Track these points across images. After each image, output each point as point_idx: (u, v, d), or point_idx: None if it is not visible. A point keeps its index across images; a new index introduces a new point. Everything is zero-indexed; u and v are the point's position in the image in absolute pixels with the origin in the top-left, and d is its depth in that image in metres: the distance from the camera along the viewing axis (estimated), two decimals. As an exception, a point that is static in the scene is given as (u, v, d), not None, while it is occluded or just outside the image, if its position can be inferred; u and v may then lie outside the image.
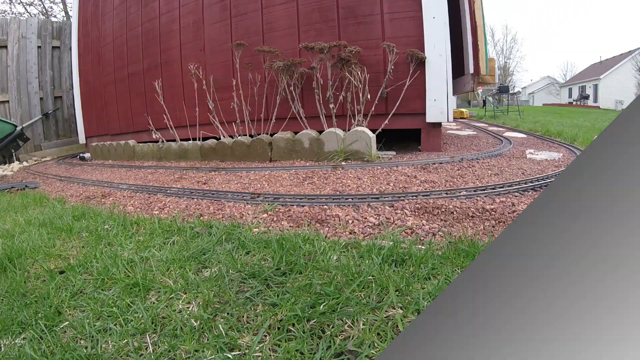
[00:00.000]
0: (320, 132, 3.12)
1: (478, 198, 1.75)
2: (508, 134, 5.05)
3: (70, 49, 6.42)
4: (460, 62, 3.64)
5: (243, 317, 0.87)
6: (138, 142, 4.74)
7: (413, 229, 1.42)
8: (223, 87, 3.97)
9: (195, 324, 0.84)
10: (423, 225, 1.45)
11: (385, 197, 1.81)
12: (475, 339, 0.26)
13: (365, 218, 1.56)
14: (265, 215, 1.72)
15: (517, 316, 0.26)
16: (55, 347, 0.79)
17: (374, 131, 3.07)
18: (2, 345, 0.83)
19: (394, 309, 0.86)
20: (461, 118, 9.10)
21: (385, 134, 3.47)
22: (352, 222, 1.53)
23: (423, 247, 1.23)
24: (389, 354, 0.33)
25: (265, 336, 0.80)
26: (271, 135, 3.54)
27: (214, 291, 0.98)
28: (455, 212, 1.55)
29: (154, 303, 0.95)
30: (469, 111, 9.75)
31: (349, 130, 3.02)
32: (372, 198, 1.82)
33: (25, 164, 5.68)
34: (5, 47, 6.29)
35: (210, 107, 3.96)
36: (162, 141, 4.36)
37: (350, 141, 2.94)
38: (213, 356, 0.74)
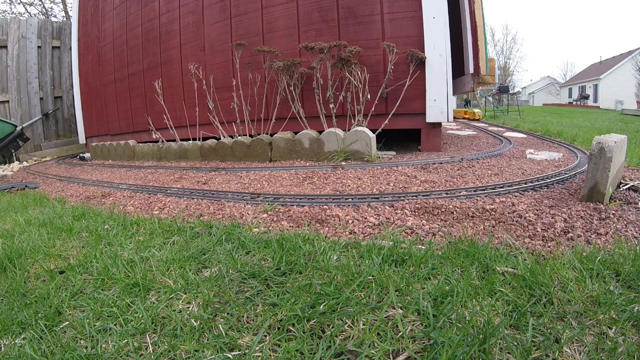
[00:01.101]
0: (320, 132, 3.12)
1: (478, 198, 1.75)
2: (508, 134, 5.05)
3: (70, 49, 6.42)
4: (460, 62, 3.64)
5: (243, 317, 0.87)
6: (138, 142, 4.74)
7: (413, 229, 1.42)
8: (223, 87, 3.97)
9: (195, 324, 0.84)
10: (423, 225, 1.45)
11: (385, 197, 1.81)
12: None
13: (365, 218, 1.56)
14: (265, 215, 1.72)
15: None
16: (55, 347, 0.79)
17: (374, 131, 3.07)
18: (2, 345, 0.83)
19: (394, 309, 0.86)
20: (473, 119, 8.76)
21: (385, 134, 3.47)
22: (352, 222, 1.53)
23: (423, 247, 1.23)
24: None
25: (265, 336, 0.80)
26: (271, 135, 3.54)
27: (214, 291, 0.98)
28: (455, 212, 1.55)
29: (154, 303, 0.95)
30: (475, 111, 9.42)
31: (349, 130, 3.02)
32: (372, 198, 1.82)
33: (25, 164, 5.68)
34: (5, 47, 6.29)
35: (210, 107, 3.96)
36: (162, 141, 4.36)
37: (350, 141, 2.94)
38: (213, 356, 0.74)
